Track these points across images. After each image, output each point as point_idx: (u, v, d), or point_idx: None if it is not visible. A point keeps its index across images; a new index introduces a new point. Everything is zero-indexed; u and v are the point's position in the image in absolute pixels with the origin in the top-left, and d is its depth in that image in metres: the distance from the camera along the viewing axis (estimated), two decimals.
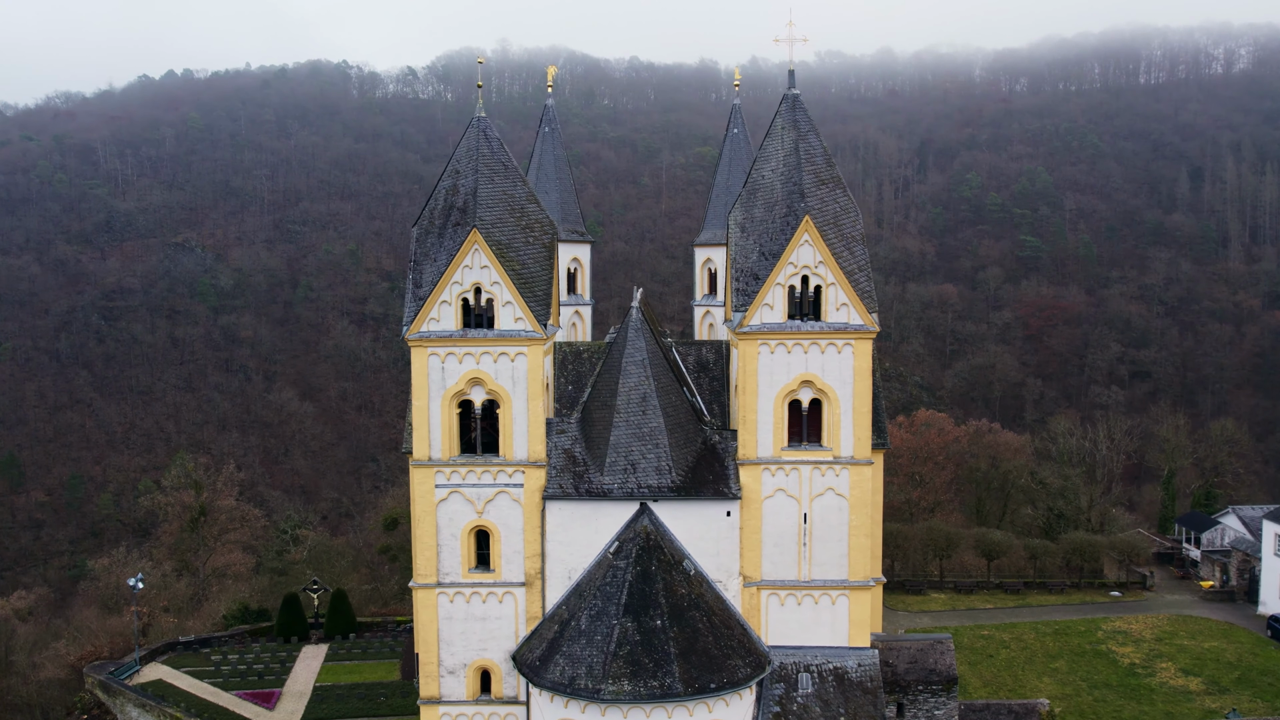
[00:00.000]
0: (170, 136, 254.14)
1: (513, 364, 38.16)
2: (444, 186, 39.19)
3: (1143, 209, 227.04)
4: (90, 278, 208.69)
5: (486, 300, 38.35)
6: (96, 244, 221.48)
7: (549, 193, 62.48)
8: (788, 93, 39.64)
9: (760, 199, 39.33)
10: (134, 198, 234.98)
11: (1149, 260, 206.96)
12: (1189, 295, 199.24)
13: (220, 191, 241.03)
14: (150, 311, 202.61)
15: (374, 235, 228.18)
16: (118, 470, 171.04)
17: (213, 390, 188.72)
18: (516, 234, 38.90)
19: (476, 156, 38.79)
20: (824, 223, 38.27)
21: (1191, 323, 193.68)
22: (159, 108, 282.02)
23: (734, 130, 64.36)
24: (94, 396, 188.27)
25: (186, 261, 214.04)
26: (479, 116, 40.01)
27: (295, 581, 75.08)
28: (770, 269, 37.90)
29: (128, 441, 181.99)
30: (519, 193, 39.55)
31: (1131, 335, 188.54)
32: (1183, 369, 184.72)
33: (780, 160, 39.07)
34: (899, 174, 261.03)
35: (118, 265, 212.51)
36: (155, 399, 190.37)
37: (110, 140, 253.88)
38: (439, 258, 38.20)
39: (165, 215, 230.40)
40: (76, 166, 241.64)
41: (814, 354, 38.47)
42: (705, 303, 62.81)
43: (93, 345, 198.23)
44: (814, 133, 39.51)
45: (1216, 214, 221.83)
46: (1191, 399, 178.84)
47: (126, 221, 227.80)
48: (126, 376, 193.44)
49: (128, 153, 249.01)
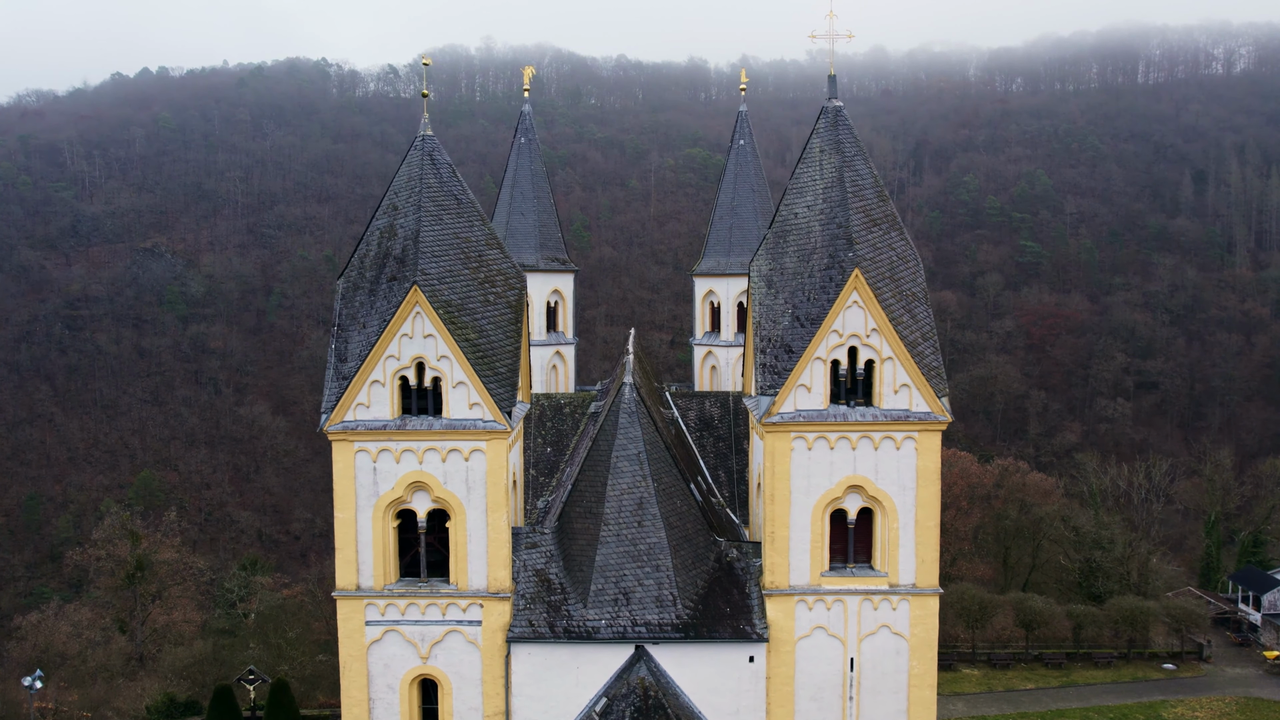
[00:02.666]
0: (140, 137, 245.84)
1: (467, 463, 28.90)
2: (378, 227, 29.93)
3: (1145, 213, 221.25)
4: (54, 285, 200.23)
5: (432, 379, 29.33)
6: (61, 249, 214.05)
7: (525, 214, 53.45)
8: (828, 105, 30.33)
9: (793, 245, 30.21)
10: (101, 201, 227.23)
11: (1153, 266, 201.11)
12: (1195, 303, 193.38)
13: (192, 194, 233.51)
14: (115, 321, 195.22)
15: (352, 240, 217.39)
16: (79, 490, 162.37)
17: (180, 404, 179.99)
18: (472, 290, 29.80)
19: (420, 188, 29.54)
20: (878, 277, 29.22)
21: (1199, 332, 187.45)
22: (131, 107, 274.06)
23: (740, 141, 55.31)
24: (55, 411, 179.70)
25: (155, 268, 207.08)
26: (424, 135, 30.99)
27: (240, 647, 66.51)
28: (808, 339, 28.76)
29: (90, 459, 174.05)
30: (476, 235, 30.34)
31: (1137, 345, 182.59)
32: (1190, 380, 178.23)
33: (819, 194, 29.90)
34: (894, 176, 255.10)
35: (83, 272, 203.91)
36: (120, 413, 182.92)
37: (78, 141, 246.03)
38: (369, 323, 28.93)
39: (134, 219, 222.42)
40: (42, 168, 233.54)
41: (865, 451, 29.33)
42: (707, 341, 54.01)
43: (54, 357, 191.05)
44: (862, 157, 30.33)
45: (1221, 219, 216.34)
46: (1199, 411, 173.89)
47: (93, 226, 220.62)
48: (90, 390, 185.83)
49: (95, 154, 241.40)
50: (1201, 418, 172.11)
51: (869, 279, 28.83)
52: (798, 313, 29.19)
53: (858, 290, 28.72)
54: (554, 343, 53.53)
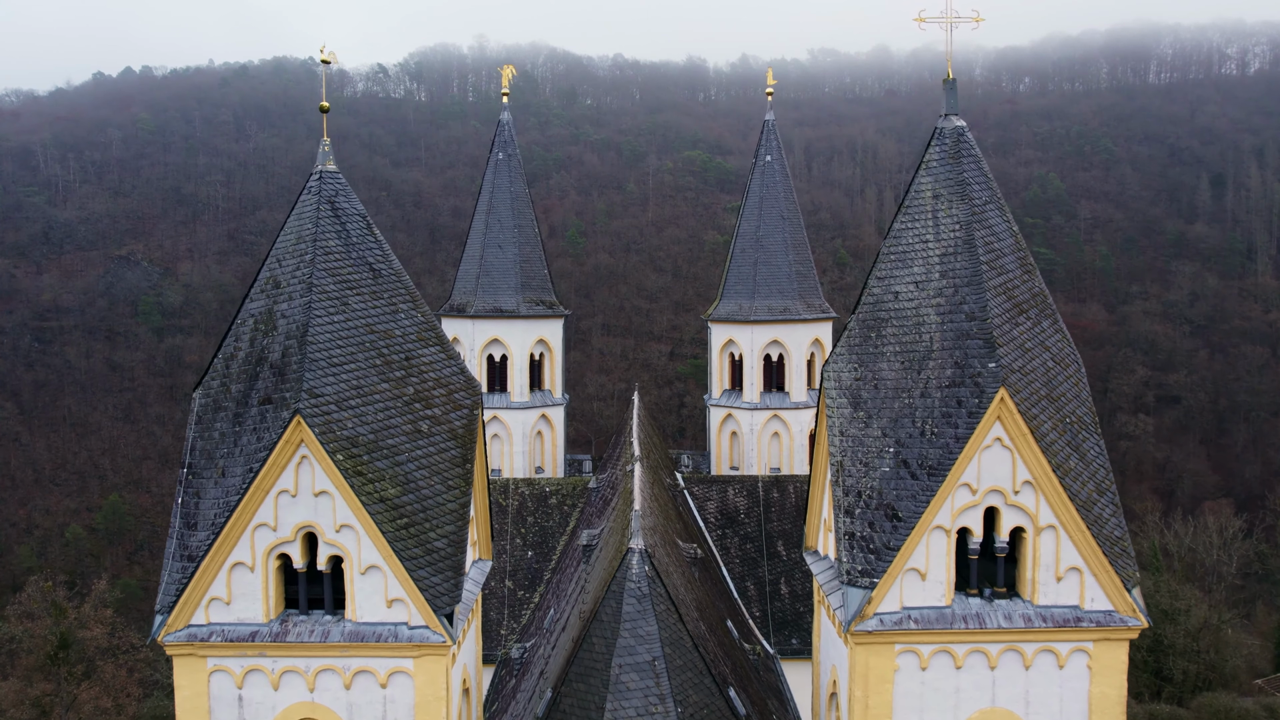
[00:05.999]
0: (118, 139, 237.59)
1: (384, 691, 18.57)
2: (251, 312, 19.88)
3: (1162, 218, 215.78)
4: (23, 295, 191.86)
5: (330, 560, 19.11)
6: (32, 257, 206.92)
7: (504, 246, 43.30)
8: (945, 123, 19.84)
9: (893, 344, 19.99)
10: (75, 206, 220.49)
11: (1171, 274, 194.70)
12: (1217, 313, 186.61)
13: (170, 200, 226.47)
14: (86, 333, 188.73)
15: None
16: (45, 514, 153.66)
17: (153, 422, 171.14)
18: (394, 417, 19.41)
19: (312, 255, 19.41)
20: (1031, 397, 18.99)
21: (1221, 344, 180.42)
22: (110, 108, 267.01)
23: (766, 157, 45.17)
24: (20, 429, 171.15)
25: (131, 277, 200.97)
26: (321, 172, 20.75)
27: None
28: (924, 499, 18.46)
29: (56, 480, 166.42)
30: (403, 326, 20.10)
31: (1157, 358, 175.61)
32: (1214, 395, 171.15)
33: (935, 264, 19.66)
34: (900, 179, 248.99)
35: (54, 281, 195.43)
36: (90, 432, 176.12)
37: (52, 143, 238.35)
38: (231, 469, 18.85)
39: (108, 226, 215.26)
40: (13, 172, 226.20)
41: (1010, 670, 19.02)
42: (725, 402, 44.08)
43: (21, 371, 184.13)
44: (996, 204, 20.03)
45: (1241, 224, 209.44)
46: (1223, 428, 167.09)
47: (66, 233, 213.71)
48: (58, 406, 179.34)
49: (70, 157, 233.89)
50: (1226, 434, 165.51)
51: (1020, 402, 18.40)
52: (905, 454, 18.66)
53: (1003, 421, 18.38)
54: (539, 404, 43.55)
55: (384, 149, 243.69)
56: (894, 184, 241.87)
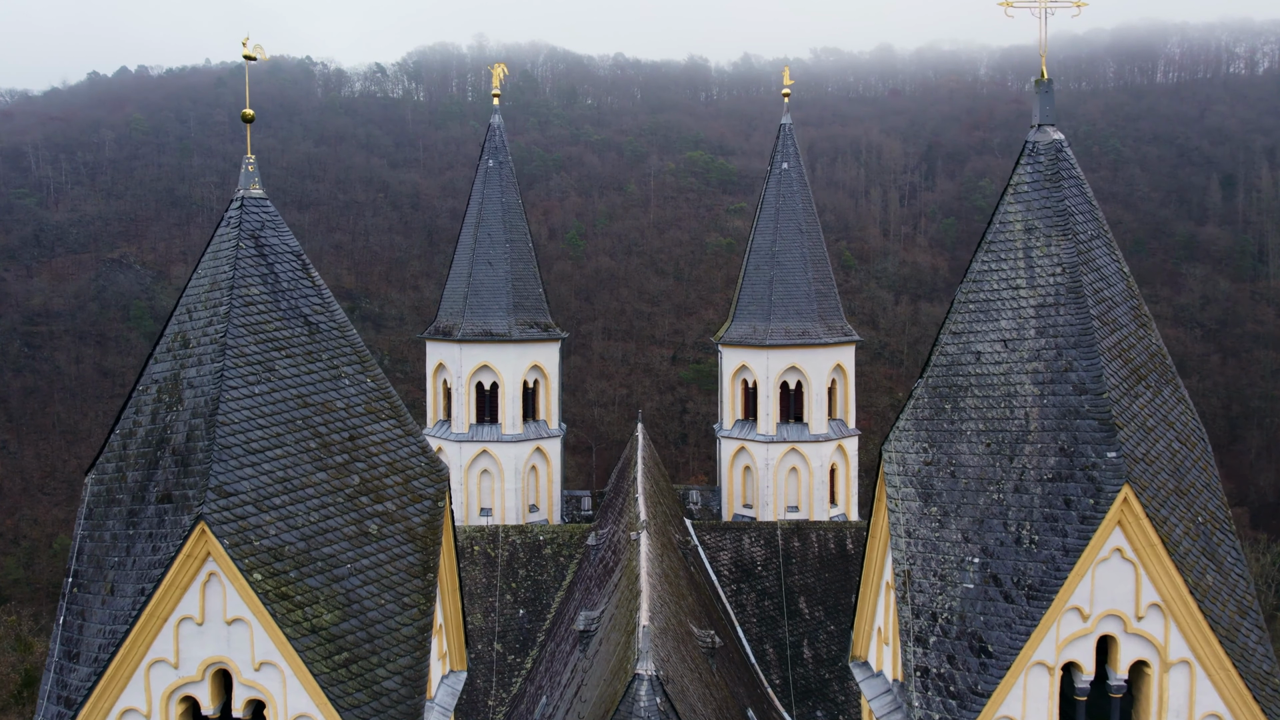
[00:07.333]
0: (111, 140, 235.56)
1: None
2: (154, 376, 15.98)
3: (1172, 220, 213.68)
4: (13, 299, 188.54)
5: (248, 705, 14.48)
6: (22, 260, 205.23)
7: (495, 263, 39.30)
8: (1038, 137, 15.45)
9: (975, 419, 15.25)
10: (67, 208, 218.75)
11: (1182, 278, 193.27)
12: (1229, 318, 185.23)
13: (164, 201, 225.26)
14: (77, 338, 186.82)
15: (333, 249, 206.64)
16: (33, 524, 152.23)
17: None
18: (331, 518, 14.68)
19: (228, 305, 15.53)
20: (1159, 493, 14.39)
21: (1234, 348, 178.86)
22: (104, 108, 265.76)
23: (783, 165, 41.14)
24: (8, 437, 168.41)
25: (123, 280, 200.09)
26: (247, 196, 16.62)
27: None
28: (1024, 629, 13.76)
29: (45, 489, 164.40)
30: (346, 394, 15.60)
31: None
32: (1227, 401, 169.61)
33: (1029, 318, 15.21)
34: (905, 180, 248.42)
35: (45, 285, 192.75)
36: (79, 439, 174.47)
37: (44, 144, 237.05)
38: (122, 586, 14.38)
39: (100, 228, 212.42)
40: (4, 174, 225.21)
41: None
42: (739, 434, 40.18)
43: (9, 378, 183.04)
44: (1104, 239, 15.58)
45: (1253, 225, 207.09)
46: (1236, 434, 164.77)
47: (57, 235, 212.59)
48: (47, 414, 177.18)
49: (62, 158, 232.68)
50: (1239, 440, 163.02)
51: (1147, 501, 13.92)
52: (995, 567, 14.04)
53: (1126, 527, 13.83)
54: (533, 437, 39.53)
55: (382, 149, 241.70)
56: (898, 185, 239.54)
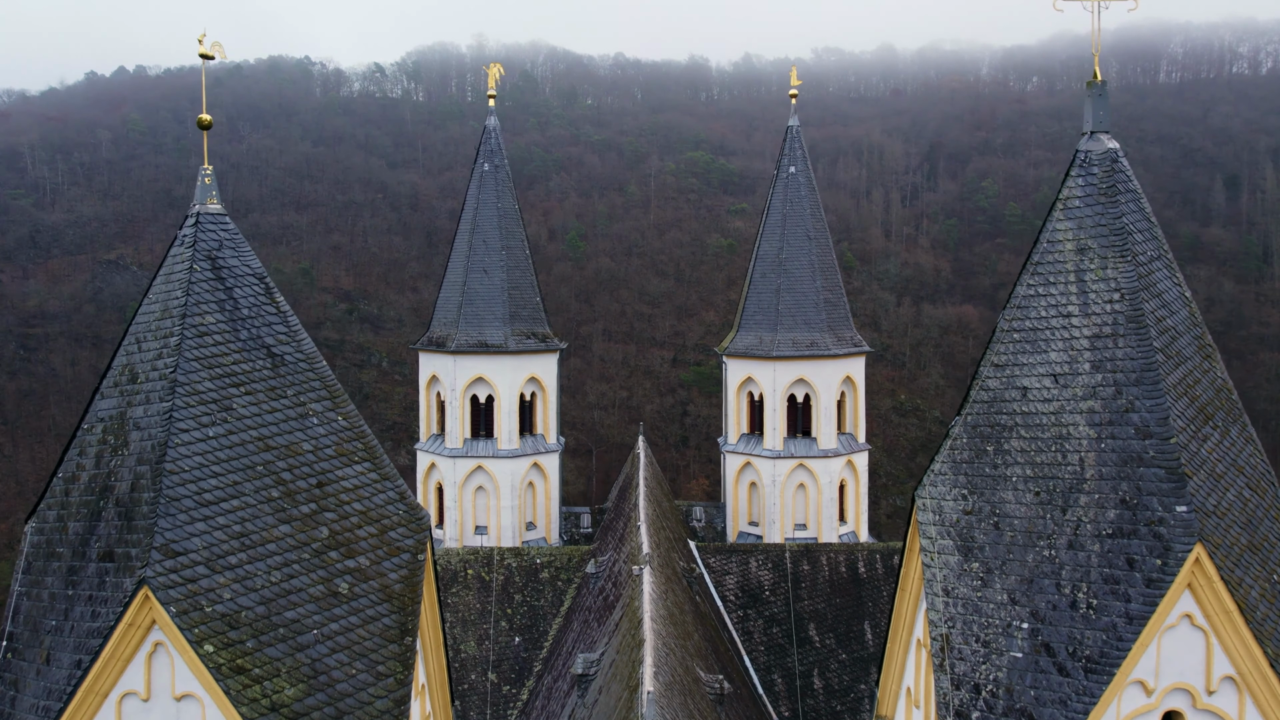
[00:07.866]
0: (107, 140, 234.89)
1: None
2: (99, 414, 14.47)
3: (1176, 221, 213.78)
4: (8, 300, 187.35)
5: None
6: (18, 262, 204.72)
7: (490, 271, 37.84)
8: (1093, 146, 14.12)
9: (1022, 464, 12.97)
10: (63, 209, 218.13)
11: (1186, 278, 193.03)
12: (1234, 319, 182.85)
13: (161, 202, 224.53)
14: (72, 340, 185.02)
15: (331, 250, 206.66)
16: None
17: None
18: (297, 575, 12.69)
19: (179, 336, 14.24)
20: (1232, 551, 12.15)
21: (1240, 350, 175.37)
22: (101, 108, 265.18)
23: (790, 169, 39.68)
24: (3, 440, 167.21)
25: (119, 281, 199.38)
26: (203, 213, 15.21)
27: None
28: (1080, 712, 11.48)
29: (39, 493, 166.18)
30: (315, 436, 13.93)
31: None
32: None
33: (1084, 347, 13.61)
34: (906, 181, 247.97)
35: (41, 286, 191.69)
36: None
37: (40, 144, 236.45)
38: (58, 654, 12.36)
39: (97, 229, 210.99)
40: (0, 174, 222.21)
41: None
42: (744, 449, 38.79)
43: (4, 380, 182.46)
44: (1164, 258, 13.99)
45: (1257, 227, 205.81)
46: None
47: (53, 236, 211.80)
48: (43, 416, 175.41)
49: (58, 158, 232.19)
50: None
51: (1220, 561, 12.05)
52: (1046, 635, 12.05)
53: (1197, 591, 12.01)
54: (530, 452, 38.09)
55: (380, 150, 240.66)
56: (900, 185, 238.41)
